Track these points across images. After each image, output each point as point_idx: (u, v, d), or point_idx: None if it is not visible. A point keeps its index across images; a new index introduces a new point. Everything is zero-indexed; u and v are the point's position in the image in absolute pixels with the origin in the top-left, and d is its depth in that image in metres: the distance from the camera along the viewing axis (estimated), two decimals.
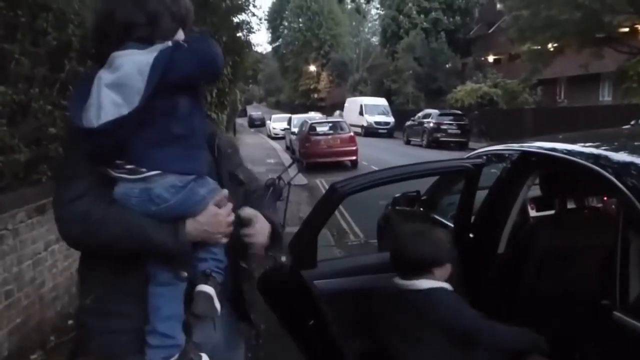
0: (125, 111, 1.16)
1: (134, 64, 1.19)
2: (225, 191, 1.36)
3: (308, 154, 14.78)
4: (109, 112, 1.16)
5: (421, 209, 3.68)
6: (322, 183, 12.24)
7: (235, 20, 10.11)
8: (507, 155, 2.82)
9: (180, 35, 1.31)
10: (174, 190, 1.23)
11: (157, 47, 1.22)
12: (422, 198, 3.68)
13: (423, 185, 3.73)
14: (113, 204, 1.26)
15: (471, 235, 2.64)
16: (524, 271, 2.37)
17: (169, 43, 1.24)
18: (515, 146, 2.79)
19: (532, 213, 2.91)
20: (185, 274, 1.30)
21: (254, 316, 1.56)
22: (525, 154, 2.50)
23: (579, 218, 2.66)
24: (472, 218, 2.70)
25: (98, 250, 1.31)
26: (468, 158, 2.67)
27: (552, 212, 2.77)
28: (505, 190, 2.55)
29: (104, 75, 1.20)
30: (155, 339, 1.29)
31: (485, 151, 3.20)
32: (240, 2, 12.48)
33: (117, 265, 1.31)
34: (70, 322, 3.93)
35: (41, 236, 3.74)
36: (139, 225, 1.25)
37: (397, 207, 4.02)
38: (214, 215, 1.31)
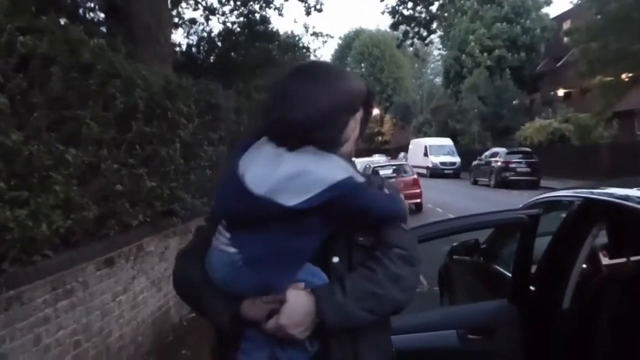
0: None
1: (324, 170, 1.15)
2: (300, 285, 1.21)
3: None
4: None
5: (481, 258, 3.51)
6: None
7: None
8: (568, 202, 2.66)
9: (354, 121, 1.29)
10: (221, 265, 1.22)
11: (350, 170, 1.19)
12: (482, 247, 3.51)
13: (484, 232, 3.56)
14: (197, 266, 1.26)
15: (532, 287, 2.48)
16: (594, 332, 2.18)
17: (360, 178, 1.20)
18: (578, 192, 2.63)
19: (605, 261, 2.71)
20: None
21: None
22: (588, 202, 2.35)
23: None
24: (534, 269, 2.55)
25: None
26: (524, 207, 2.54)
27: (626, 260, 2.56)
28: (568, 239, 2.39)
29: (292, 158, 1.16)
30: None
31: (547, 197, 3.04)
32: (299, 54, 13.03)
33: None
34: None
35: (109, 288, 3.92)
36: (201, 291, 1.25)
37: (455, 257, 3.85)
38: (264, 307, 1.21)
